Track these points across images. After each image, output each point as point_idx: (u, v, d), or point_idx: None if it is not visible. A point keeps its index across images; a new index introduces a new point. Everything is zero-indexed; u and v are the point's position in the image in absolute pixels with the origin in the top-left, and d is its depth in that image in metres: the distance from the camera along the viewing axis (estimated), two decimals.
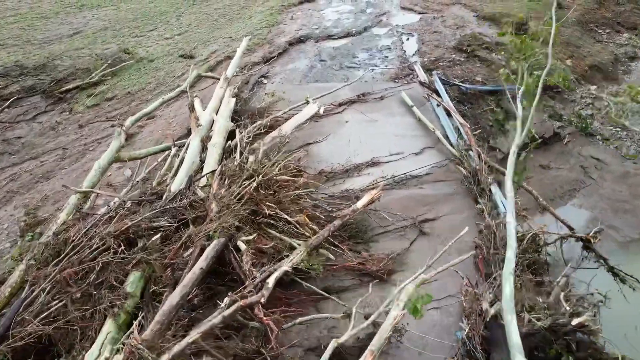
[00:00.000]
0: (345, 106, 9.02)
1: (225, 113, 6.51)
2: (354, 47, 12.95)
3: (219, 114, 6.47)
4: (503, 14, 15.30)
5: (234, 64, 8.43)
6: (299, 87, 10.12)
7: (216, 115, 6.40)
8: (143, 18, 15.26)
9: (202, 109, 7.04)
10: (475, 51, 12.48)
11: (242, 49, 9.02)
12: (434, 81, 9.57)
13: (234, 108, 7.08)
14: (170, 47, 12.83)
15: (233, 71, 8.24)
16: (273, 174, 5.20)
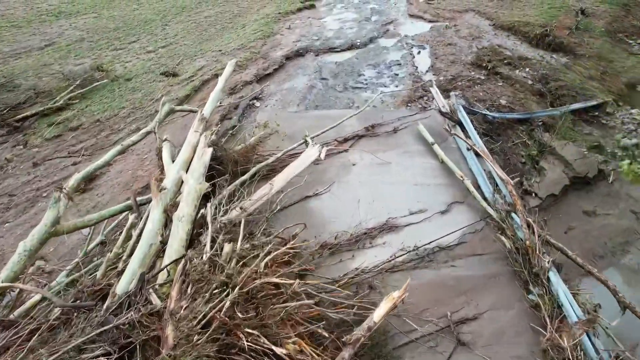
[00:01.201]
0: (351, 142, 7.41)
1: (197, 172, 4.84)
2: (359, 62, 11.33)
3: (189, 172, 4.87)
4: (522, 22, 13.67)
5: (213, 98, 6.76)
6: (296, 115, 8.50)
7: (186, 175, 4.80)
8: (125, 27, 13.61)
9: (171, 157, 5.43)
10: (497, 67, 10.85)
11: (226, 76, 7.37)
12: (455, 110, 7.96)
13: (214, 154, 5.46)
14: (152, 63, 11.19)
15: (212, 108, 6.60)
16: (256, 276, 3.61)
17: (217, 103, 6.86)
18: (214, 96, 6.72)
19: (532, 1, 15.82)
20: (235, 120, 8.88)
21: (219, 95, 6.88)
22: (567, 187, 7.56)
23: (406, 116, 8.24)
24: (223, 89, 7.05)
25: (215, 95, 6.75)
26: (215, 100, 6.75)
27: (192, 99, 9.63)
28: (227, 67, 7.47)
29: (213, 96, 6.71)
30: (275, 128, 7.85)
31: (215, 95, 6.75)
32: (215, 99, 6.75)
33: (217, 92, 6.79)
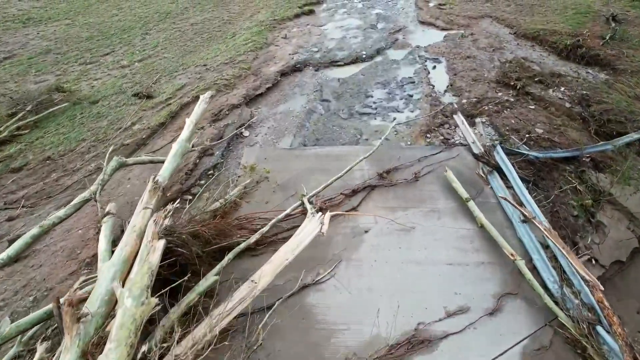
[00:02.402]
0: (362, 194, 5.70)
1: (139, 286, 3.10)
2: (365, 79, 9.61)
3: (127, 286, 3.14)
4: (548, 31, 11.94)
5: (175, 154, 4.83)
6: (292, 153, 6.77)
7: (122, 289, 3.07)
8: (100, 37, 11.82)
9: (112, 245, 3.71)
10: (527, 86, 9.12)
11: (196, 118, 5.56)
12: (491, 150, 6.24)
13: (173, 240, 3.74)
14: (125, 80, 9.44)
15: (172, 168, 4.76)
16: None
17: (180, 160, 5.03)
18: (175, 151, 4.91)
19: (554, 6, 14.04)
20: (218, 156, 7.17)
21: (184, 147, 5.06)
22: (636, 251, 5.87)
23: (428, 155, 6.52)
24: (189, 138, 5.23)
25: (178, 149, 4.94)
26: (178, 156, 4.93)
27: (167, 129, 7.90)
28: (199, 106, 5.66)
29: (174, 152, 4.90)
30: (265, 173, 6.12)
31: (177, 149, 4.94)
32: (178, 155, 4.91)
33: (180, 144, 5.00)
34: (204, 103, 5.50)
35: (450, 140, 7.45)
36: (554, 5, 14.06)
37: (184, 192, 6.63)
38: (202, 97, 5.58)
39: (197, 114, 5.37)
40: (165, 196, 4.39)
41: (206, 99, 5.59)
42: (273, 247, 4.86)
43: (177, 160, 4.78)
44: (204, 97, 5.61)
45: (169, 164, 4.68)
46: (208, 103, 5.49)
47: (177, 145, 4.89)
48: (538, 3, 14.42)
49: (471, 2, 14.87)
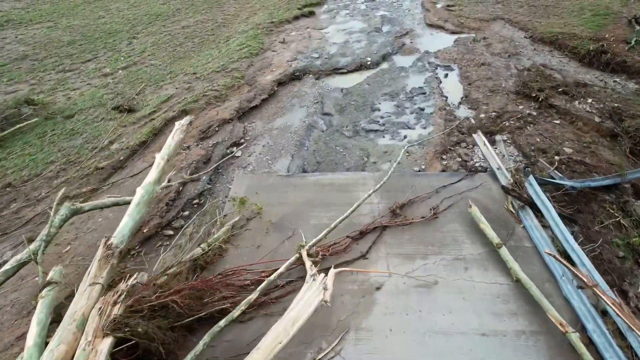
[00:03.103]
0: (371, 237, 4.76)
1: None
2: (371, 89, 8.66)
3: None
4: (566, 34, 10.96)
5: (133, 214, 3.83)
6: (289, 182, 5.81)
7: None
8: (83, 41, 10.84)
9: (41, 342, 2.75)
10: (550, 98, 8.15)
11: (168, 153, 4.48)
12: (524, 183, 5.28)
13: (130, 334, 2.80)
14: (106, 91, 8.48)
15: (132, 228, 3.67)
16: None
17: (147, 209, 3.96)
18: (139, 199, 3.79)
19: (570, 7, 13.07)
20: (205, 182, 6.22)
21: (151, 192, 3.95)
22: None
23: (447, 185, 5.57)
24: (159, 179, 4.18)
25: (144, 196, 3.86)
26: (144, 205, 3.80)
27: (149, 148, 6.95)
28: (173, 137, 4.59)
29: (138, 199, 3.79)
30: (257, 209, 5.17)
31: (142, 195, 3.85)
32: (143, 204, 3.77)
33: (146, 189, 3.91)
34: (180, 133, 4.54)
35: (469, 163, 6.51)
36: (569, 6, 13.08)
37: (164, 227, 5.69)
38: (178, 125, 4.61)
39: (169, 148, 4.38)
40: (123, 260, 3.41)
41: (182, 127, 4.63)
42: (264, 310, 3.93)
43: (141, 212, 3.79)
44: (180, 124, 4.64)
45: (131, 217, 3.68)
46: (185, 132, 4.53)
47: (142, 191, 3.89)
48: (552, 4, 13.45)
49: (481, 3, 13.88)
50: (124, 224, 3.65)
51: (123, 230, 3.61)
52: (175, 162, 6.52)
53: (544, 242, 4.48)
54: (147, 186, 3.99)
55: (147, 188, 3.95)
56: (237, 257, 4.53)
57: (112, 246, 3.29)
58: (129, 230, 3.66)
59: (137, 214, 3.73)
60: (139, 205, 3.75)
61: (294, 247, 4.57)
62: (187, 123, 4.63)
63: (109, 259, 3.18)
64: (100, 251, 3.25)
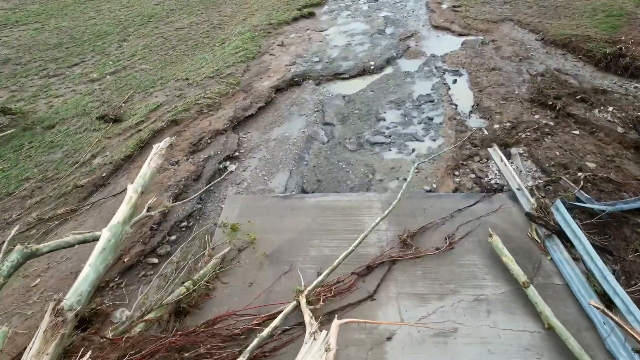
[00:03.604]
0: (379, 271, 4.16)
1: None
2: (375, 97, 8.05)
3: None
4: (580, 37, 10.35)
5: (95, 264, 3.09)
6: (286, 204, 5.20)
7: None
8: (70, 44, 10.23)
9: None
10: (568, 106, 7.54)
11: (144, 183, 3.80)
12: (551, 208, 4.68)
13: None
14: (91, 98, 7.88)
15: (93, 282, 2.99)
16: None
17: (114, 254, 3.27)
18: (104, 244, 3.06)
19: (581, 8, 12.44)
20: (194, 202, 5.61)
21: (119, 234, 3.24)
22: None
23: (462, 209, 4.97)
24: (129, 217, 3.47)
25: (110, 240, 3.12)
26: (110, 250, 3.05)
27: (134, 163, 6.34)
28: (149, 164, 3.91)
29: (103, 244, 3.04)
30: (250, 239, 4.56)
31: (109, 239, 3.12)
32: (109, 250, 3.01)
33: (114, 230, 3.19)
34: (158, 158, 3.91)
35: (484, 180, 5.91)
36: (580, 6, 12.45)
37: (148, 254, 5.09)
38: (155, 149, 3.98)
39: (145, 178, 3.74)
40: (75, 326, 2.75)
41: (161, 150, 4.01)
42: None
43: (106, 260, 3.13)
44: (158, 148, 4.01)
45: (93, 268, 2.98)
46: (163, 157, 3.92)
47: (108, 233, 3.22)
48: (563, 4, 12.82)
49: (488, 3, 13.26)
50: (84, 278, 2.99)
51: (81, 287, 2.96)
52: (161, 179, 5.92)
53: (577, 280, 3.89)
54: (115, 227, 3.34)
55: (115, 229, 3.31)
56: (227, 297, 3.94)
57: (63, 311, 2.69)
58: (90, 284, 3.01)
59: (101, 262, 3.08)
60: (104, 252, 3.11)
61: (292, 284, 3.98)
62: (166, 146, 4.03)
63: (58, 328, 2.58)
64: (46, 319, 2.64)
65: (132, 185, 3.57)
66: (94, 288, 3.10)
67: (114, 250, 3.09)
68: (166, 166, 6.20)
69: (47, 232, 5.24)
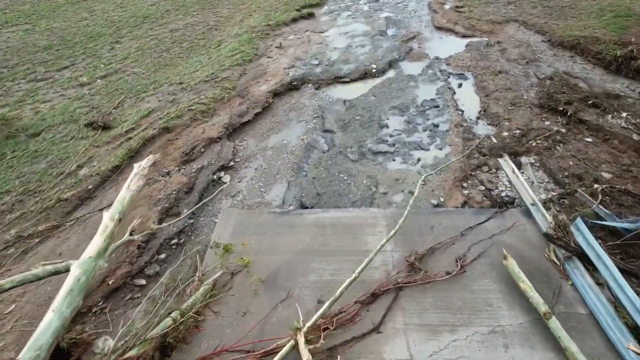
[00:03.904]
0: (385, 299, 3.80)
1: None
2: (378, 102, 7.68)
3: None
4: (588, 38, 9.98)
5: (60, 310, 2.52)
6: (284, 221, 4.83)
7: None
8: (60, 46, 9.84)
9: None
10: (579, 112, 7.16)
11: (122, 209, 3.28)
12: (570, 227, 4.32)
13: None
14: (80, 104, 7.50)
15: (50, 344, 2.40)
16: None
17: (77, 304, 2.67)
18: (72, 284, 2.50)
19: (588, 8, 12.06)
20: (185, 218, 5.22)
21: (91, 271, 2.67)
22: None
23: (473, 226, 4.60)
24: (103, 250, 2.92)
25: (80, 279, 2.59)
26: (78, 292, 2.50)
27: (123, 173, 5.96)
28: (128, 188, 3.36)
29: (71, 285, 2.50)
30: (243, 263, 4.19)
31: (78, 278, 2.60)
32: (77, 292, 2.46)
33: (84, 266, 2.73)
34: (139, 179, 3.50)
35: (494, 192, 5.54)
36: (587, 7, 12.08)
37: (135, 275, 4.73)
38: (137, 169, 3.56)
39: (123, 203, 3.30)
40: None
41: (143, 170, 3.60)
42: None
43: (74, 302, 2.68)
44: (139, 168, 3.59)
45: (58, 315, 2.46)
46: (145, 178, 3.52)
47: (78, 270, 2.78)
48: (569, 4, 12.44)
49: (492, 3, 12.88)
50: (45, 327, 2.52)
51: (41, 339, 2.49)
52: (151, 192, 5.55)
53: (604, 310, 3.52)
54: (87, 262, 2.90)
55: (86, 265, 2.86)
56: (218, 329, 3.56)
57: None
58: (53, 335, 2.56)
59: (68, 306, 2.61)
60: (72, 294, 2.66)
61: (289, 313, 3.62)
62: (149, 164, 3.64)
63: None
64: None
65: (109, 212, 3.17)
66: (57, 337, 2.67)
67: (85, 289, 2.67)
68: (156, 178, 5.83)
69: (26, 250, 4.88)
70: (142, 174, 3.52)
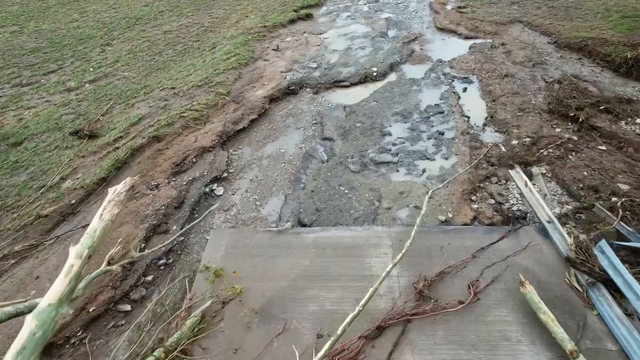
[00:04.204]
0: (392, 333, 3.43)
1: None
2: (379, 107, 7.31)
3: None
4: (596, 39, 9.62)
5: None
6: (280, 242, 4.43)
7: None
8: (49, 48, 9.43)
9: None
10: (591, 118, 6.79)
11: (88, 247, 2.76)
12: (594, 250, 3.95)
13: None
14: (66, 110, 7.10)
15: None
16: None
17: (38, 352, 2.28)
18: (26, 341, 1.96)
19: (594, 8, 11.70)
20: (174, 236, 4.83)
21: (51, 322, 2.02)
22: None
23: (485, 247, 4.23)
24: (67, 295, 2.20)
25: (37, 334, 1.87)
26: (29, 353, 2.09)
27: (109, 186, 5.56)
28: (101, 217, 2.75)
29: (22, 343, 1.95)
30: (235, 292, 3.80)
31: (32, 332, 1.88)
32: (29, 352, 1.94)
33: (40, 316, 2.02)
34: (114, 206, 3.07)
35: (504, 206, 5.17)
36: (592, 7, 11.71)
37: (119, 301, 4.35)
38: (112, 194, 3.14)
39: (94, 236, 2.72)
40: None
41: (119, 197, 3.17)
42: None
43: None
44: (115, 193, 3.16)
45: None
46: (121, 205, 3.11)
47: (34, 322, 2.19)
48: (573, 5, 12.08)
49: (495, 4, 12.51)
50: None
51: None
52: (138, 207, 5.16)
53: (637, 347, 3.15)
54: (45, 312, 2.37)
55: (44, 315, 2.32)
56: None
57: None
58: None
59: None
60: (24, 353, 2.13)
61: (286, 350, 3.24)
62: (125, 189, 3.23)
63: None
64: None
65: (76, 248, 2.74)
66: None
67: (42, 345, 2.22)
68: (144, 192, 5.44)
69: (0, 273, 4.49)
70: (118, 199, 3.12)
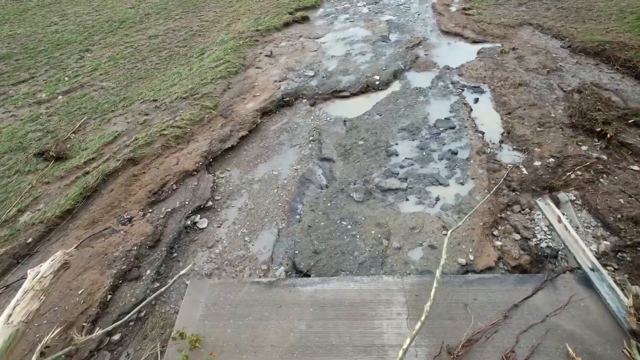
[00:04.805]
0: None
1: None
2: (384, 122, 6.54)
3: None
4: (614, 43, 8.88)
5: None
6: (270, 297, 3.65)
7: None
8: (22, 54, 8.60)
9: None
10: (620, 134, 6.08)
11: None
12: None
13: None
14: (34, 126, 6.30)
15: None
16: None
17: None
18: None
19: (606, 10, 10.97)
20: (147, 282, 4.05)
21: None
22: None
23: (518, 303, 3.47)
24: None
25: None
26: None
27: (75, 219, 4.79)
28: (4, 325, 2.15)
29: None
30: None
31: None
32: None
33: None
34: (32, 298, 2.25)
35: (531, 242, 4.43)
36: (605, 8, 10.98)
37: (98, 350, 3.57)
38: (32, 279, 2.31)
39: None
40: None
41: (41, 281, 2.34)
42: None
43: None
44: (38, 276, 2.32)
45: None
46: (44, 295, 2.31)
47: None
48: (584, 6, 11.34)
49: (502, 5, 11.76)
50: None
51: None
52: (106, 248, 4.37)
53: None
54: None
55: None
56: None
57: None
58: None
59: None
60: None
61: None
62: (53, 270, 2.40)
63: None
64: None
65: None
66: None
67: None
68: (115, 227, 4.65)
69: None
70: (41, 287, 2.32)
